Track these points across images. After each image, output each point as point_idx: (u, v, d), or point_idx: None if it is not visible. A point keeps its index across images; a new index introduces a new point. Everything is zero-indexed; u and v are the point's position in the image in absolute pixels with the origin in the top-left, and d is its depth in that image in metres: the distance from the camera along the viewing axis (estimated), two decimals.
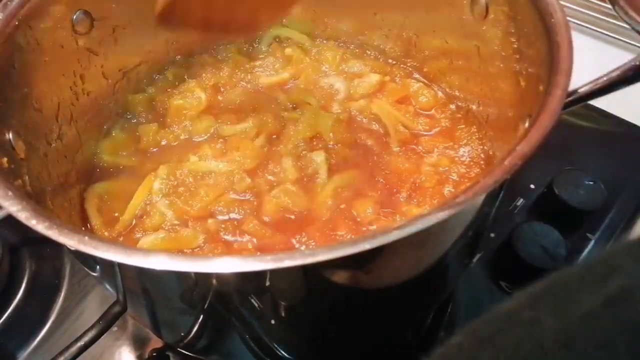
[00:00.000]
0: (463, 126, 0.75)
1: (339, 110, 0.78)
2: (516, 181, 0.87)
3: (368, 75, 0.83)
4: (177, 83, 0.82)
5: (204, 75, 0.83)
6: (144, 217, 0.67)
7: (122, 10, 0.72)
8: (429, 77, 0.83)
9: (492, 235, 0.80)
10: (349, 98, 0.81)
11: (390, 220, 0.65)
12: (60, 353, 0.58)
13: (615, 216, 0.83)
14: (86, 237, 0.39)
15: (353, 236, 0.63)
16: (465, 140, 0.73)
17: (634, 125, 0.96)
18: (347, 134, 0.74)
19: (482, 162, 0.70)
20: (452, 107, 0.78)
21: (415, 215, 0.38)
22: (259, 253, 0.62)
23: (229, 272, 0.38)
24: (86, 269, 0.54)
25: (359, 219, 0.65)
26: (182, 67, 0.85)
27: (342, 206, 0.66)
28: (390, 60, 0.86)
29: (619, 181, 0.87)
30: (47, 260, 0.81)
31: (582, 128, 0.97)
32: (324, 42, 0.89)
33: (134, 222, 0.67)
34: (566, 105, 0.47)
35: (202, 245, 0.63)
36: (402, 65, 0.85)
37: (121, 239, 0.66)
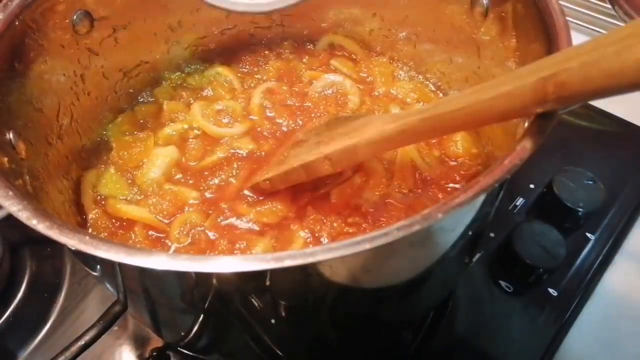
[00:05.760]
0: None
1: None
2: (516, 181, 0.87)
3: (410, 106, 0.79)
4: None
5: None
6: None
7: (122, 10, 0.72)
8: (422, 71, 0.83)
9: (492, 235, 0.80)
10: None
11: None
12: (61, 352, 0.58)
13: (614, 216, 0.83)
14: (87, 237, 0.39)
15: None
16: None
17: (634, 125, 0.96)
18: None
19: None
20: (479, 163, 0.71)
21: (415, 215, 0.38)
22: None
23: (229, 272, 0.38)
24: (87, 268, 0.54)
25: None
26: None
27: None
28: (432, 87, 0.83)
29: (618, 181, 0.87)
30: (48, 260, 0.81)
31: (581, 128, 0.97)
32: (377, 57, 0.87)
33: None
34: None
35: None
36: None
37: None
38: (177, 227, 0.66)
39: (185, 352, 0.70)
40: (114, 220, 0.68)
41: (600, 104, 0.98)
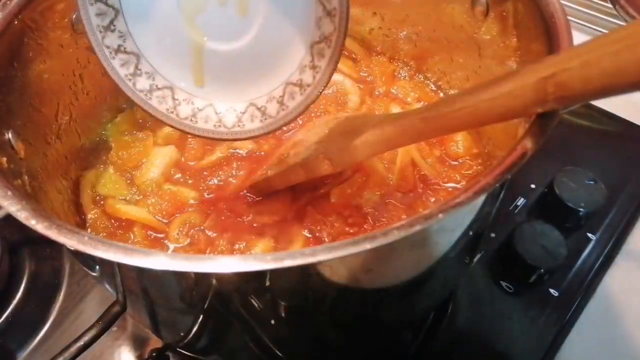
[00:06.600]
0: None
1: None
2: (517, 181, 0.87)
3: (410, 106, 0.79)
4: None
5: None
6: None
7: None
8: (423, 70, 0.83)
9: (493, 235, 0.80)
10: None
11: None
12: (60, 353, 0.58)
13: (615, 215, 0.83)
14: (85, 237, 0.39)
15: None
16: None
17: (635, 125, 0.96)
18: None
19: None
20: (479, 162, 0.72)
21: (415, 215, 0.38)
22: None
23: (229, 272, 0.38)
24: (85, 268, 0.54)
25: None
26: None
27: None
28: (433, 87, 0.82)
29: (619, 180, 0.87)
30: (47, 260, 0.81)
31: (582, 127, 0.96)
32: (378, 56, 0.87)
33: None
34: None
35: None
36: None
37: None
38: (176, 227, 0.66)
39: (185, 352, 0.70)
40: (113, 221, 0.68)
41: (601, 103, 0.98)
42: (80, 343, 0.59)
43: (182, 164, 0.74)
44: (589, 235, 0.81)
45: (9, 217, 0.43)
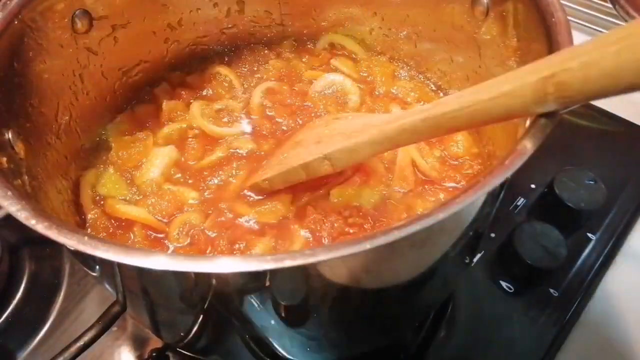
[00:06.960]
0: None
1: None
2: (517, 181, 0.87)
3: (410, 106, 0.78)
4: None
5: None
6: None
7: (121, 9, 0.72)
8: (423, 70, 0.83)
9: (493, 235, 0.80)
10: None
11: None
12: (60, 353, 0.58)
13: (615, 216, 0.83)
14: (85, 237, 0.39)
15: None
16: None
17: (635, 125, 0.96)
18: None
19: None
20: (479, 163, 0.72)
21: (415, 215, 0.38)
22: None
23: (229, 272, 0.38)
24: (85, 269, 0.54)
25: None
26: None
27: None
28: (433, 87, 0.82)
29: (619, 180, 0.87)
30: (47, 260, 0.81)
31: (582, 127, 0.97)
32: (378, 56, 0.87)
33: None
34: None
35: None
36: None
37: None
38: (176, 227, 0.66)
39: (185, 352, 0.70)
40: (113, 221, 0.68)
41: (601, 103, 0.98)
42: (80, 343, 0.59)
43: (182, 164, 0.74)
44: (589, 235, 0.81)
45: (9, 217, 0.43)
